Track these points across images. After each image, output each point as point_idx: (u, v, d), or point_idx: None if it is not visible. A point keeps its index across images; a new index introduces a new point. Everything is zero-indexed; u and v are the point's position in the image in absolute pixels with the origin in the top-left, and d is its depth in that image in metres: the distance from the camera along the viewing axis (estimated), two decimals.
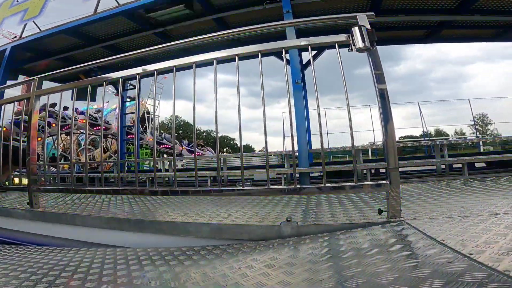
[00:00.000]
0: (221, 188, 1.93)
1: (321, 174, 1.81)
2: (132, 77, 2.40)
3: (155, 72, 2.20)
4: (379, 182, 1.64)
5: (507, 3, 5.78)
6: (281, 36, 4.90)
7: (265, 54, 2.78)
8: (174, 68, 2.06)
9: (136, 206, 2.71)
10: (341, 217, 1.79)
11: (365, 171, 4.95)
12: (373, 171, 5.60)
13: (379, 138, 11.64)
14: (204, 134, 47.11)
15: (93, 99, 7.31)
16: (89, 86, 2.40)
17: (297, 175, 4.17)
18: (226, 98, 57.44)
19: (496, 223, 1.34)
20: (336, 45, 1.77)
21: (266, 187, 1.83)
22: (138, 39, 7.14)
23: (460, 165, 4.72)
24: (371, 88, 1.65)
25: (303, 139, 4.94)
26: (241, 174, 1.94)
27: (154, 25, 6.57)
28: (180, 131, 40.28)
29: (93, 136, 14.31)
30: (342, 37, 1.73)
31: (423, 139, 13.91)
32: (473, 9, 5.94)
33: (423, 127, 14.62)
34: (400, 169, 1.90)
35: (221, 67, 2.41)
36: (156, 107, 17.78)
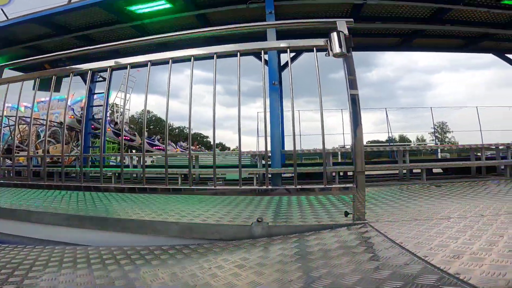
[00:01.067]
0: (192, 187, 1.89)
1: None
2: (103, 70, 2.28)
3: (128, 65, 2.11)
4: (347, 185, 1.71)
5: (476, 15, 6.26)
6: (262, 36, 4.92)
7: (244, 53, 2.78)
8: (149, 63, 1.99)
9: (99, 203, 2.58)
10: (310, 218, 1.84)
11: (334, 174, 5.12)
12: (341, 173, 5.82)
13: (348, 141, 12.11)
14: (177, 130, 45.97)
15: (57, 90, 6.89)
16: (54, 76, 2.24)
17: (269, 176, 4.21)
18: (201, 94, 56.32)
19: (449, 226, 1.46)
20: (314, 49, 1.80)
21: (238, 187, 1.83)
22: (114, 31, 6.79)
23: (419, 170, 5.04)
24: (344, 93, 1.71)
25: (277, 139, 4.99)
26: (213, 173, 1.93)
27: (132, 18, 6.30)
28: (151, 127, 38.92)
29: (54, 128, 13.44)
30: (320, 42, 1.78)
31: (388, 144, 14.72)
32: (444, 19, 6.36)
33: (388, 132, 15.48)
34: (366, 172, 2.00)
35: (198, 63, 2.37)
36: (126, 101, 17.07)
